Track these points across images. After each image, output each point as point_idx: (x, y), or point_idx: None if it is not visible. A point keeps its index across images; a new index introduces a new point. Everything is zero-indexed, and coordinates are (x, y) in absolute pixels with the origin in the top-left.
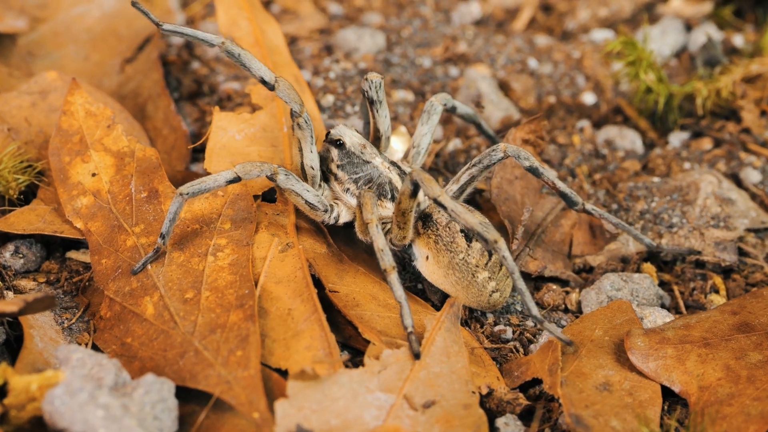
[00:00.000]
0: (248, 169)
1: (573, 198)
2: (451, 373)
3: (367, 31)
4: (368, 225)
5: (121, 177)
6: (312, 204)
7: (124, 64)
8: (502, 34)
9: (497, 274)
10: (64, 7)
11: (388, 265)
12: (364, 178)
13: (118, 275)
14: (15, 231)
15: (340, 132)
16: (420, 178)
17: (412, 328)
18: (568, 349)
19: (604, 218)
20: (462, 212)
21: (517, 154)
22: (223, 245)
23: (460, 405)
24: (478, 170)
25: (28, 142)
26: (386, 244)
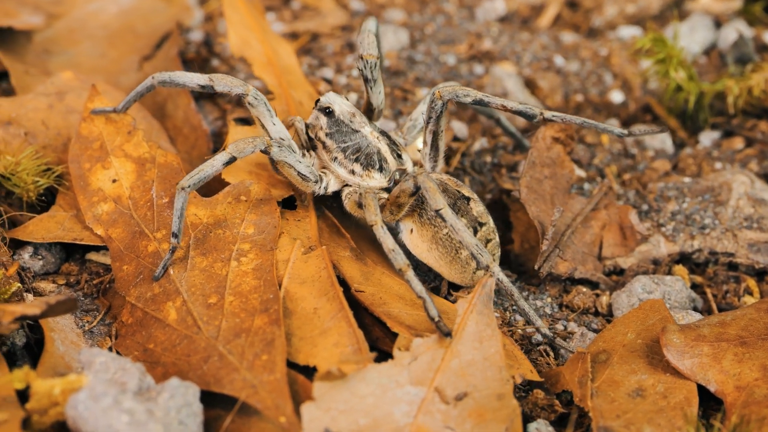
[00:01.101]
0: (241, 147)
1: (530, 112)
2: (484, 360)
3: (390, 27)
4: (373, 227)
5: (142, 183)
6: (304, 175)
7: (142, 62)
8: (527, 31)
9: None
10: (80, 3)
11: (403, 264)
12: (352, 147)
13: (139, 281)
14: (34, 240)
15: (329, 99)
16: (425, 186)
17: (439, 317)
18: (600, 357)
19: (566, 121)
20: (461, 230)
21: (454, 93)
22: (247, 250)
23: (494, 395)
24: (434, 125)
25: (46, 146)
26: (396, 244)
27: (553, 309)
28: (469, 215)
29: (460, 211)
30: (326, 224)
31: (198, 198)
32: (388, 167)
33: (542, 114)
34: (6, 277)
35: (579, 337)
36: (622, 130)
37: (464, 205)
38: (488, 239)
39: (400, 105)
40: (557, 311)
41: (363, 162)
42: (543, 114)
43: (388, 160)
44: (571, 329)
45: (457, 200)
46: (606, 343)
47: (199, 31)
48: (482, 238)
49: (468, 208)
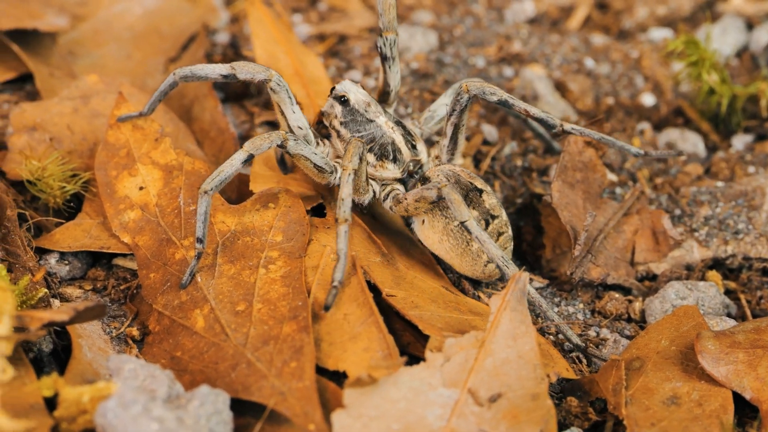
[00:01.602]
0: (258, 144)
1: (550, 121)
2: (519, 358)
3: (419, 29)
4: (342, 171)
5: (170, 190)
6: (320, 167)
7: (168, 64)
8: (556, 33)
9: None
10: (105, 4)
11: (342, 216)
12: (366, 137)
13: (166, 289)
14: (60, 249)
15: (345, 88)
16: (450, 198)
17: (339, 283)
18: (633, 364)
19: (585, 135)
20: (487, 241)
21: (481, 90)
22: (275, 257)
23: (528, 395)
24: (456, 117)
25: (72, 151)
26: (350, 196)
27: (586, 315)
28: (481, 207)
29: (472, 202)
30: (357, 231)
31: (226, 205)
32: (402, 158)
33: (562, 125)
34: (33, 283)
35: (612, 343)
36: (639, 150)
37: (476, 197)
38: (500, 232)
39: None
40: (589, 317)
41: (377, 152)
42: (563, 125)
43: (403, 150)
44: (603, 336)
45: (469, 192)
46: (639, 350)
47: (225, 32)
48: (494, 231)
49: (480, 200)
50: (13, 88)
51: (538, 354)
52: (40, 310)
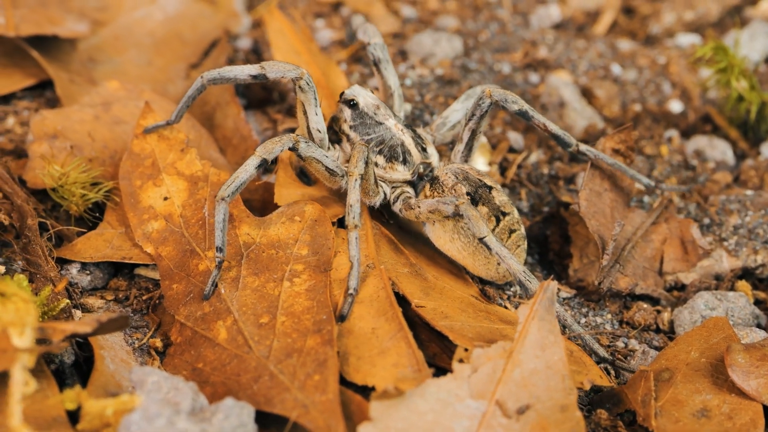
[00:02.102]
0: (269, 147)
1: (566, 139)
2: (547, 369)
3: (444, 35)
4: (348, 177)
5: (194, 201)
6: (331, 170)
7: (189, 70)
8: (583, 39)
9: (505, 241)
10: (126, 9)
11: (351, 223)
12: (376, 140)
13: (189, 300)
14: (82, 259)
15: (354, 92)
16: (468, 214)
17: (354, 290)
18: (663, 376)
19: (599, 159)
20: (507, 257)
21: (504, 98)
22: (300, 271)
23: (557, 407)
24: (475, 123)
25: (93, 159)
26: (359, 202)
27: (614, 326)
28: (491, 204)
29: (482, 199)
30: (383, 241)
31: (251, 217)
32: (412, 160)
33: (578, 146)
34: (54, 294)
35: (641, 354)
36: (650, 182)
37: (486, 193)
38: (512, 230)
39: None
40: (617, 328)
41: (386, 154)
42: (578, 146)
43: (412, 152)
44: (632, 346)
45: (478, 188)
46: (668, 362)
47: (248, 38)
48: (505, 228)
49: (490, 197)
50: (33, 94)
51: (566, 364)
52: (63, 321)
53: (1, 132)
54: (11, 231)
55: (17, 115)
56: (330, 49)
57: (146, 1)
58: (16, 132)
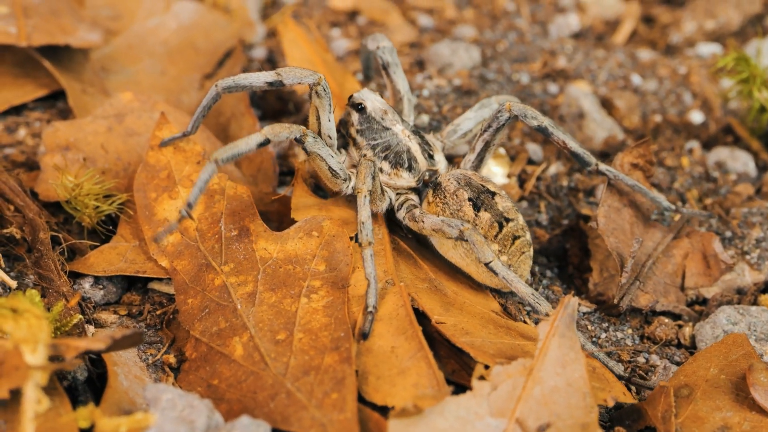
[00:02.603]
0: (277, 130)
1: (586, 158)
2: (568, 386)
3: (462, 45)
4: (357, 193)
5: (210, 215)
6: (334, 171)
7: (203, 80)
8: (602, 48)
9: (509, 248)
10: (139, 18)
11: (365, 240)
12: (382, 145)
13: (204, 315)
14: (95, 273)
15: (362, 96)
16: (473, 239)
17: (374, 308)
18: (682, 392)
19: (619, 179)
20: (514, 281)
21: (523, 112)
22: (318, 287)
23: (578, 425)
24: (490, 134)
25: (106, 171)
26: (369, 218)
27: (635, 341)
28: (494, 209)
29: (484, 204)
30: (402, 256)
31: (268, 232)
32: (418, 167)
33: (597, 165)
34: (67, 309)
35: (662, 370)
36: (670, 205)
37: (488, 198)
38: (516, 236)
39: None
40: (638, 343)
41: (392, 160)
42: (598, 165)
43: (418, 159)
44: (653, 362)
45: (480, 194)
46: (688, 378)
47: (262, 47)
48: (509, 235)
49: (492, 202)
50: (45, 105)
51: (587, 382)
52: (76, 338)
53: (12, 144)
54: (23, 244)
55: (29, 127)
56: (346, 59)
57: (160, 10)
58: (28, 143)
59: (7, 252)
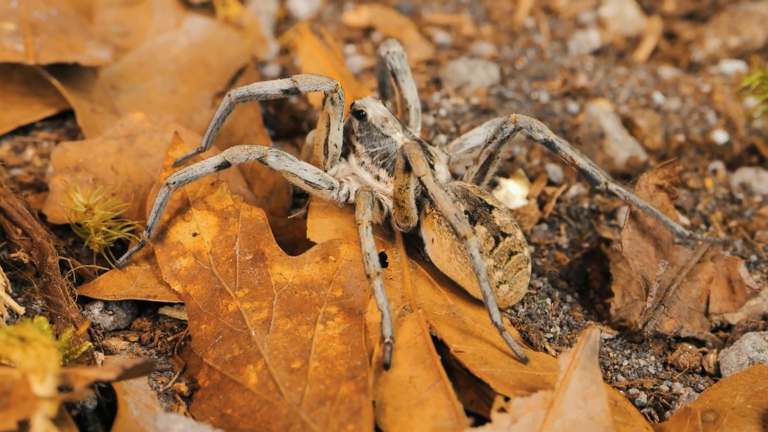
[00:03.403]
0: (236, 152)
1: (595, 177)
2: (589, 420)
3: (480, 62)
4: (358, 225)
5: (225, 238)
6: (313, 183)
7: (215, 98)
8: (623, 66)
9: (504, 263)
10: (149, 35)
11: (372, 271)
12: (380, 153)
13: (218, 342)
14: (105, 297)
15: (364, 103)
16: (409, 153)
17: (391, 338)
18: (707, 416)
19: (630, 201)
20: (442, 198)
21: (529, 125)
22: (334, 313)
23: None
24: (494, 147)
25: (116, 193)
26: (373, 248)
27: (658, 368)
28: (491, 223)
29: (480, 218)
30: (420, 281)
31: (284, 256)
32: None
33: (606, 184)
34: (76, 336)
35: (686, 398)
36: (684, 231)
37: (485, 212)
38: (512, 251)
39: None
40: (662, 371)
41: (389, 168)
42: (607, 185)
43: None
44: (676, 390)
45: (477, 207)
46: (713, 403)
47: (275, 65)
48: (505, 250)
49: (489, 216)
50: (54, 125)
51: (609, 415)
52: (86, 367)
53: (20, 164)
54: (31, 269)
55: (37, 147)
56: (361, 76)
57: (171, 26)
58: (36, 164)
59: (15, 277)
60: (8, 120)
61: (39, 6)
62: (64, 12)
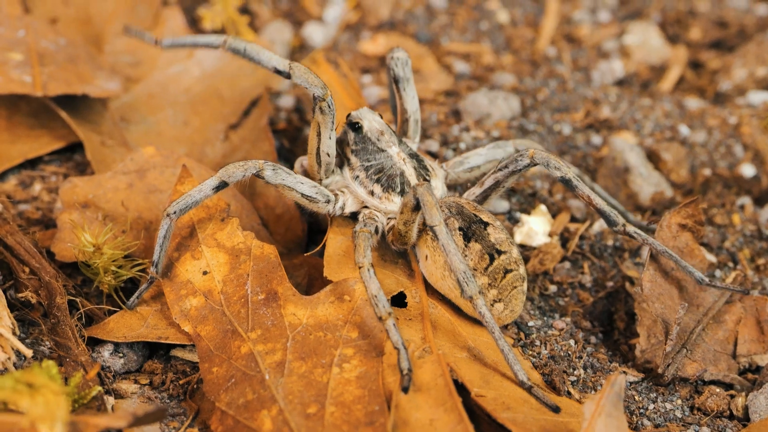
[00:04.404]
0: (231, 171)
1: (612, 217)
2: None
3: (500, 94)
4: (360, 270)
5: (236, 276)
6: (309, 196)
7: (228, 131)
8: (647, 96)
9: (499, 281)
10: (160, 65)
11: (383, 312)
12: (375, 167)
13: (231, 385)
14: (115, 339)
15: (360, 114)
16: (423, 200)
17: (409, 370)
18: None
19: (648, 244)
20: (453, 253)
21: (546, 161)
22: (350, 356)
23: None
24: (503, 175)
25: (126, 230)
26: (380, 290)
27: (684, 412)
28: (485, 241)
29: (475, 235)
30: (441, 321)
31: (297, 296)
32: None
33: (624, 226)
34: (85, 380)
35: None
36: (703, 277)
37: (480, 229)
38: (508, 269)
39: None
40: (689, 415)
41: (384, 183)
42: (625, 227)
43: (412, 183)
44: None
45: (471, 224)
46: None
47: (290, 96)
48: (500, 268)
49: (484, 233)
50: (62, 158)
51: None
52: (96, 414)
53: (27, 199)
54: (39, 309)
55: (44, 181)
56: (378, 107)
57: (182, 56)
58: (44, 199)
59: (22, 317)
60: (15, 153)
61: (47, 35)
62: (73, 41)
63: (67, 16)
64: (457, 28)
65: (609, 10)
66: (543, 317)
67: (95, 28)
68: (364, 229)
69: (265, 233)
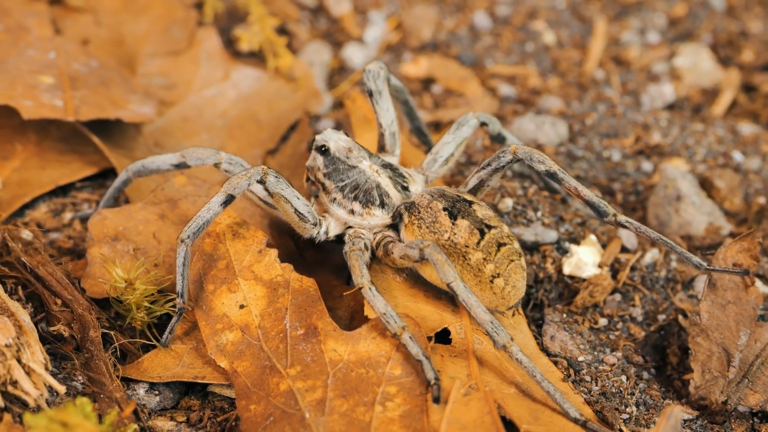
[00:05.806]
0: (235, 183)
1: (602, 208)
2: None
3: (548, 119)
4: (361, 290)
5: (274, 310)
6: (301, 214)
7: (266, 157)
8: (699, 121)
9: (494, 255)
10: (195, 88)
11: (397, 328)
12: (350, 185)
13: (269, 424)
14: (150, 379)
15: (325, 137)
16: (433, 258)
17: (435, 380)
18: None
19: (641, 232)
20: (476, 305)
21: (529, 156)
22: (393, 393)
23: None
24: (487, 173)
25: (159, 264)
26: (387, 306)
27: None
28: (472, 216)
29: (461, 212)
30: (488, 356)
31: (338, 331)
32: (391, 202)
33: (615, 216)
34: (121, 418)
35: None
36: (701, 262)
37: (465, 206)
38: (501, 242)
39: (560, 210)
40: None
41: (362, 199)
42: (616, 216)
43: (390, 194)
44: None
45: (455, 202)
46: None
47: (329, 119)
48: (492, 241)
49: (470, 210)
50: (94, 185)
51: None
52: None
53: (58, 227)
54: (71, 342)
55: (76, 209)
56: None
57: (218, 78)
58: (75, 228)
59: (54, 350)
60: (46, 180)
61: (78, 57)
62: (105, 63)
63: (99, 37)
64: (501, 49)
65: (658, 32)
66: (593, 352)
67: (128, 49)
68: (354, 248)
69: (303, 262)
